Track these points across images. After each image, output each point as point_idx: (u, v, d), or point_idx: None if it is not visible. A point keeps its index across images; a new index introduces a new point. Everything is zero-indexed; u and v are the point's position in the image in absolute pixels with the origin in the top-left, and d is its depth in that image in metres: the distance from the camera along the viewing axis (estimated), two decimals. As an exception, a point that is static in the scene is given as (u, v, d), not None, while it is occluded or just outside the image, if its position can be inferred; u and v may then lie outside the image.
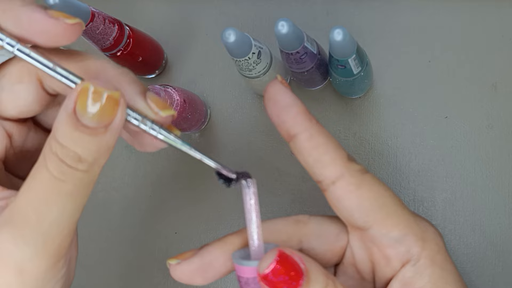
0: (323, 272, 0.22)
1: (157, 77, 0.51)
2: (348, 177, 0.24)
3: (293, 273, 0.21)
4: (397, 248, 0.24)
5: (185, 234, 0.48)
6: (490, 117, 0.44)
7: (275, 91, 0.25)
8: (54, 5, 0.36)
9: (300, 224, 0.26)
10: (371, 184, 0.24)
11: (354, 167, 0.24)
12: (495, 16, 0.45)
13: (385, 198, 0.24)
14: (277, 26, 0.33)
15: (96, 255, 0.50)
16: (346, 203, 0.24)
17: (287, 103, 0.24)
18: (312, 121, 0.24)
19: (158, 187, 0.49)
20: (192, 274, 0.24)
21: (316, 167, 0.24)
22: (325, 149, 0.24)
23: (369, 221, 0.24)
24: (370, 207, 0.24)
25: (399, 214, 0.24)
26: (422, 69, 0.45)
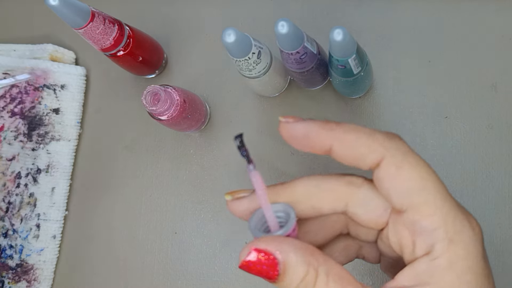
0: (304, 260, 0.22)
1: (157, 77, 0.51)
2: (389, 157, 0.23)
3: (267, 265, 0.23)
4: (424, 239, 0.23)
5: (185, 234, 0.48)
6: (490, 117, 0.44)
7: (287, 132, 0.25)
8: (54, 5, 0.36)
9: (352, 187, 0.25)
10: (413, 165, 0.23)
11: (395, 145, 0.23)
12: (495, 16, 0.45)
13: (426, 182, 0.23)
14: (277, 26, 0.33)
15: (96, 255, 0.50)
16: (385, 184, 0.23)
17: (302, 133, 0.24)
18: (334, 130, 0.24)
19: (158, 187, 0.49)
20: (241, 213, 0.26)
21: (360, 164, 0.24)
22: (359, 143, 0.23)
23: (404, 205, 0.23)
24: (407, 190, 0.23)
25: (437, 204, 0.23)
26: (422, 69, 0.45)
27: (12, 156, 0.51)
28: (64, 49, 0.52)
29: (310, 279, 0.23)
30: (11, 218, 0.50)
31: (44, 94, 0.51)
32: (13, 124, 0.51)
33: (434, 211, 0.23)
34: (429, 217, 0.23)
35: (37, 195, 0.50)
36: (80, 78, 0.52)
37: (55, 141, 0.51)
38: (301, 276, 0.23)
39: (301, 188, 0.25)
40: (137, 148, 0.50)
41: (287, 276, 0.23)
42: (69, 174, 0.51)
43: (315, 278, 0.23)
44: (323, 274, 0.23)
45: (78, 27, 0.39)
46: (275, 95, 0.48)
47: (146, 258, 0.49)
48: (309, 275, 0.23)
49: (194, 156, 0.49)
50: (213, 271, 0.47)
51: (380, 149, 0.23)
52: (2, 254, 0.49)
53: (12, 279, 0.49)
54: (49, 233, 0.50)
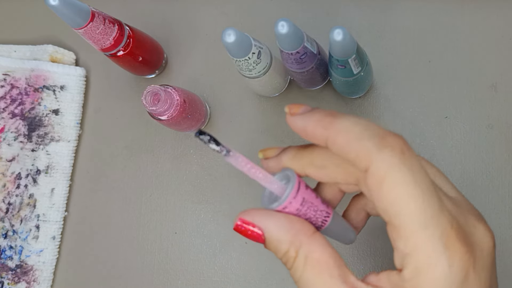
0: (286, 239, 0.23)
1: (157, 77, 0.51)
2: (373, 169, 0.22)
3: (251, 232, 0.24)
4: (398, 256, 0.22)
5: (185, 234, 0.48)
6: (490, 117, 0.44)
7: (289, 124, 0.25)
8: (54, 5, 0.36)
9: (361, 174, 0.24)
10: (396, 183, 0.21)
11: (381, 156, 0.21)
12: (495, 16, 0.45)
13: (405, 204, 0.21)
14: (277, 26, 0.33)
15: (96, 255, 0.50)
16: (370, 192, 0.22)
17: (300, 128, 0.24)
18: (327, 129, 0.23)
19: (158, 187, 0.49)
20: (272, 171, 0.27)
21: (352, 165, 0.23)
22: (348, 148, 0.22)
23: (385, 218, 0.23)
24: (385, 209, 0.22)
25: (413, 229, 0.21)
26: (422, 69, 0.45)
27: (12, 157, 0.50)
28: (64, 50, 0.52)
29: (290, 257, 0.24)
30: (11, 219, 0.50)
31: (44, 95, 0.51)
32: (13, 125, 0.51)
33: (409, 236, 0.21)
34: (402, 240, 0.22)
35: (37, 196, 0.50)
36: (80, 79, 0.52)
37: (54, 142, 0.51)
38: (282, 252, 0.24)
39: (317, 158, 0.25)
40: (137, 148, 0.50)
41: (271, 247, 0.24)
42: (69, 175, 0.51)
43: (295, 259, 0.24)
44: (302, 257, 0.23)
45: (78, 27, 0.39)
46: (275, 95, 0.48)
47: (146, 258, 0.49)
48: (289, 253, 0.24)
49: (194, 156, 0.49)
50: (213, 271, 0.47)
51: (367, 158, 0.22)
52: (2, 255, 0.49)
53: (11, 280, 0.49)
54: (48, 234, 0.50)
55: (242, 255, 0.47)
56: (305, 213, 0.25)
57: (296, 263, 0.24)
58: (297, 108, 0.25)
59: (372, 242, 0.44)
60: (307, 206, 0.25)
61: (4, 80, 0.52)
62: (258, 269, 0.46)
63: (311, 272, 0.23)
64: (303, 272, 0.23)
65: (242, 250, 0.47)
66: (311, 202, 0.25)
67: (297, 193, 0.24)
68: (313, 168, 0.26)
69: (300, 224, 0.24)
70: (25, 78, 0.51)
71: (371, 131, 0.22)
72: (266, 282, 0.46)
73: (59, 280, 0.50)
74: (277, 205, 0.24)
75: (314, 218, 0.25)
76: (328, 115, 0.24)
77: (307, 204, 0.25)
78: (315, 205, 0.25)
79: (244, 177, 0.47)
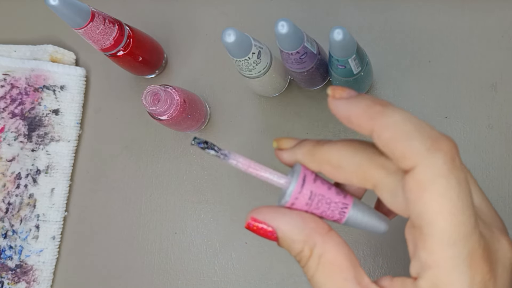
0: (300, 239, 0.23)
1: (157, 77, 0.51)
2: (417, 172, 0.20)
3: (264, 231, 0.24)
4: (417, 265, 0.22)
5: (185, 234, 0.48)
6: (490, 117, 0.44)
7: (331, 108, 0.23)
8: (54, 5, 0.36)
9: (383, 172, 0.23)
10: (438, 193, 0.20)
11: (430, 161, 0.20)
12: (495, 16, 0.45)
13: (441, 218, 0.20)
14: (277, 26, 0.33)
15: (96, 255, 0.50)
16: (406, 193, 0.21)
17: (344, 114, 0.23)
18: (374, 120, 0.21)
19: (158, 187, 0.49)
20: (284, 162, 0.26)
21: (394, 161, 0.22)
22: (394, 145, 0.21)
23: (414, 223, 0.21)
24: (420, 215, 0.21)
25: (440, 244, 0.20)
26: (422, 69, 0.45)
27: (12, 157, 0.50)
28: (64, 50, 0.52)
29: (304, 256, 0.23)
30: (10, 219, 0.50)
31: (44, 95, 0.51)
32: (13, 125, 0.51)
33: (435, 249, 0.21)
34: (427, 251, 0.21)
35: (37, 196, 0.50)
36: (80, 79, 0.52)
37: (54, 142, 0.51)
38: (296, 251, 0.23)
39: (334, 156, 0.24)
40: (137, 148, 0.50)
41: (284, 246, 0.24)
42: (69, 175, 0.51)
43: (309, 258, 0.23)
44: (316, 257, 0.23)
45: (78, 27, 0.39)
46: (275, 95, 0.48)
47: (146, 258, 0.49)
48: (303, 252, 0.23)
49: (194, 156, 0.49)
50: (213, 271, 0.47)
51: (413, 160, 0.20)
52: (1, 255, 0.49)
53: (11, 280, 0.49)
54: (48, 234, 0.50)
55: (242, 255, 0.47)
56: (317, 207, 0.24)
57: (310, 263, 0.23)
58: (341, 91, 0.23)
59: (373, 242, 0.44)
60: (318, 200, 0.24)
61: (4, 80, 0.52)
62: (258, 269, 0.46)
63: (323, 273, 0.23)
64: (316, 272, 0.23)
65: (242, 250, 0.47)
66: (321, 195, 0.24)
67: (302, 188, 0.23)
68: (328, 167, 0.24)
69: (314, 223, 0.23)
70: (25, 78, 0.51)
71: (422, 131, 0.21)
72: (266, 282, 0.46)
73: (59, 280, 0.50)
74: (284, 202, 0.24)
75: (330, 211, 0.24)
76: (377, 104, 0.22)
77: (317, 198, 0.24)
78: (327, 198, 0.24)
79: (244, 177, 0.48)
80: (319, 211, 0.24)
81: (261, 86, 0.43)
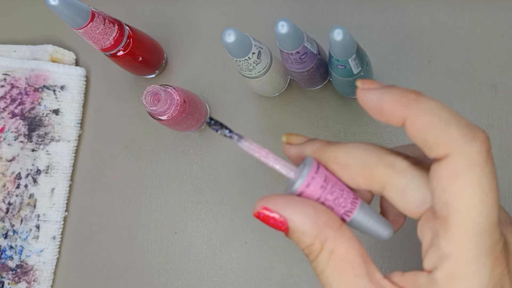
0: (312, 233, 0.22)
1: (157, 77, 0.51)
2: (451, 161, 0.20)
3: (274, 220, 0.23)
4: (435, 257, 0.21)
5: (185, 234, 0.48)
6: (490, 117, 0.44)
7: (361, 100, 0.23)
8: (54, 5, 0.36)
9: (391, 171, 0.22)
10: (470, 184, 0.20)
11: (466, 150, 0.20)
12: (495, 16, 0.45)
13: (469, 209, 0.20)
14: (277, 26, 0.33)
15: (96, 255, 0.50)
16: (434, 182, 0.21)
17: (376, 105, 0.22)
18: (409, 107, 0.21)
19: (158, 187, 0.49)
20: (291, 158, 0.26)
21: (425, 150, 0.21)
22: (429, 131, 0.21)
23: (439, 214, 0.21)
24: (447, 205, 0.20)
25: (464, 237, 0.20)
26: (422, 69, 0.45)
27: (12, 157, 0.50)
28: (64, 50, 0.52)
29: (315, 250, 0.22)
30: (11, 219, 0.50)
31: (44, 95, 0.51)
32: (13, 125, 0.51)
33: (457, 238, 0.20)
34: (448, 239, 0.21)
35: (37, 196, 0.50)
36: (80, 79, 0.52)
37: (54, 141, 0.51)
38: (306, 244, 0.23)
39: (341, 156, 0.24)
40: (137, 148, 0.50)
41: (293, 238, 0.23)
42: (69, 175, 0.51)
43: (319, 252, 0.22)
44: (327, 252, 0.22)
45: (78, 27, 0.39)
46: (275, 95, 0.48)
47: (146, 258, 0.49)
48: (313, 246, 0.22)
49: (194, 156, 0.49)
50: (213, 271, 0.47)
51: (448, 147, 0.20)
52: (2, 255, 0.49)
53: (12, 280, 0.49)
54: (48, 234, 0.50)
55: (242, 255, 0.47)
56: (331, 191, 0.23)
57: (320, 258, 0.22)
58: (372, 82, 0.23)
59: (373, 242, 0.44)
60: (332, 184, 0.23)
61: (4, 80, 0.52)
62: (258, 269, 0.46)
63: (334, 269, 0.22)
64: (326, 267, 0.22)
65: (242, 250, 0.47)
66: (335, 181, 0.23)
67: (318, 169, 0.23)
68: (336, 165, 0.24)
69: (327, 216, 0.23)
70: (25, 78, 0.51)
71: (459, 119, 0.20)
72: (266, 282, 0.46)
73: (59, 280, 0.50)
74: (301, 182, 0.23)
75: (343, 199, 0.23)
76: (411, 92, 0.21)
77: (331, 182, 0.23)
78: (340, 184, 0.23)
79: (244, 177, 0.48)
80: (332, 197, 0.23)
81: (261, 86, 0.43)
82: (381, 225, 0.25)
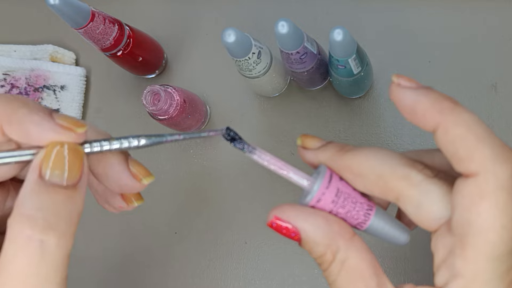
0: (323, 243, 0.22)
1: (157, 77, 0.51)
2: (480, 180, 0.20)
3: (286, 230, 0.23)
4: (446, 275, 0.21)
5: (185, 234, 0.48)
6: (490, 117, 0.44)
7: (394, 96, 0.22)
8: (54, 5, 0.36)
9: (406, 184, 0.22)
10: (496, 207, 0.19)
11: (497, 171, 0.19)
12: (495, 16, 0.45)
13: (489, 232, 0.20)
14: (277, 26, 0.33)
15: (96, 255, 0.50)
16: (458, 199, 0.20)
17: (409, 105, 0.22)
18: (444, 115, 0.20)
19: (158, 187, 0.49)
20: (306, 162, 0.26)
21: (453, 164, 0.21)
22: (461, 145, 0.20)
23: (457, 232, 0.21)
24: (467, 224, 0.20)
25: (480, 260, 0.20)
26: (422, 69, 0.45)
27: (12, 156, 0.50)
28: (64, 50, 0.52)
29: (326, 260, 0.22)
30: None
31: (44, 95, 0.51)
32: (13, 124, 0.51)
33: (474, 259, 0.20)
34: (463, 260, 0.20)
35: (37, 195, 0.50)
36: (80, 79, 0.52)
37: (55, 141, 0.51)
38: (318, 254, 0.23)
39: (355, 165, 0.23)
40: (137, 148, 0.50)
41: (306, 247, 0.23)
42: (69, 175, 0.51)
43: (331, 263, 0.22)
44: (339, 262, 0.22)
45: (78, 27, 0.39)
46: (275, 95, 0.48)
47: (146, 258, 0.49)
48: (325, 256, 0.22)
49: (194, 156, 0.49)
50: (213, 271, 0.47)
51: (479, 165, 0.20)
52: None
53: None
54: (49, 233, 0.50)
55: (242, 255, 0.47)
56: (343, 205, 0.23)
57: (332, 268, 0.22)
58: (408, 80, 0.22)
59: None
60: (344, 198, 0.23)
61: (4, 80, 0.52)
62: (258, 269, 0.46)
63: (345, 279, 0.22)
64: (337, 277, 0.22)
65: (242, 250, 0.47)
66: (347, 193, 0.23)
67: (329, 183, 0.23)
68: (349, 174, 0.23)
69: (338, 226, 0.23)
70: (25, 78, 0.51)
71: (492, 137, 0.20)
72: (266, 282, 0.46)
73: (59, 280, 0.50)
74: (310, 198, 0.23)
75: (355, 212, 0.23)
76: (447, 99, 0.21)
77: (343, 195, 0.23)
78: (353, 196, 0.23)
79: (244, 177, 0.48)
80: (344, 211, 0.23)
81: (261, 86, 0.43)
82: (397, 231, 0.24)
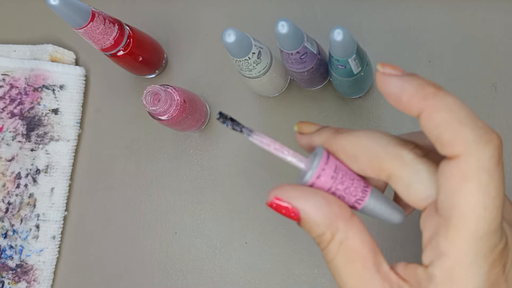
0: (323, 222, 0.22)
1: (157, 77, 0.51)
2: (463, 162, 0.20)
3: (286, 210, 0.23)
4: (432, 254, 0.22)
5: (185, 234, 0.48)
6: (490, 117, 0.44)
7: (380, 84, 0.22)
8: (54, 5, 0.36)
9: (398, 163, 0.22)
10: (478, 187, 0.20)
11: (479, 153, 0.20)
12: (495, 16, 0.45)
13: (473, 214, 0.20)
14: (277, 26, 0.33)
15: (96, 255, 0.50)
16: (442, 180, 0.21)
17: (394, 92, 0.22)
18: (427, 100, 0.21)
19: (158, 187, 0.49)
20: (302, 146, 0.26)
21: (437, 146, 0.21)
22: (444, 129, 0.20)
23: (442, 213, 0.21)
24: (453, 205, 0.20)
25: (464, 241, 0.20)
26: (422, 69, 0.45)
27: (11, 156, 0.50)
28: (64, 50, 0.52)
29: (325, 240, 0.23)
30: (11, 219, 0.50)
31: (43, 95, 0.51)
32: (12, 125, 0.51)
33: (458, 240, 0.20)
34: (448, 240, 0.21)
35: (37, 196, 0.50)
36: (79, 79, 0.52)
37: (54, 141, 0.51)
38: (317, 233, 0.23)
39: (349, 146, 0.24)
40: (137, 148, 0.50)
41: (305, 227, 0.23)
42: (69, 175, 0.51)
43: (329, 242, 0.23)
44: (337, 242, 0.22)
45: (78, 27, 0.39)
46: (275, 95, 0.48)
47: (146, 258, 0.49)
48: (324, 236, 0.23)
49: (194, 156, 0.49)
50: (213, 271, 0.47)
51: (461, 147, 0.20)
52: (2, 254, 0.49)
53: (12, 280, 0.49)
54: (48, 233, 0.50)
55: (242, 255, 0.47)
56: (341, 180, 0.23)
57: (330, 247, 0.23)
58: (392, 68, 0.22)
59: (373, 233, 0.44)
60: (342, 174, 0.23)
61: (3, 80, 0.52)
62: (258, 269, 0.46)
63: (343, 258, 0.23)
64: (335, 256, 0.23)
65: (242, 250, 0.47)
66: (345, 170, 0.24)
67: (328, 159, 0.23)
68: (344, 156, 0.24)
69: (338, 206, 0.23)
70: (25, 78, 0.51)
71: (475, 120, 0.21)
72: (266, 282, 0.46)
73: (59, 279, 0.50)
74: (311, 173, 0.23)
75: (353, 188, 0.24)
76: (430, 85, 0.21)
77: (341, 171, 0.23)
78: (350, 173, 0.24)
79: (244, 177, 0.48)
80: (343, 187, 0.23)
81: (261, 86, 0.43)
82: (392, 210, 0.25)
